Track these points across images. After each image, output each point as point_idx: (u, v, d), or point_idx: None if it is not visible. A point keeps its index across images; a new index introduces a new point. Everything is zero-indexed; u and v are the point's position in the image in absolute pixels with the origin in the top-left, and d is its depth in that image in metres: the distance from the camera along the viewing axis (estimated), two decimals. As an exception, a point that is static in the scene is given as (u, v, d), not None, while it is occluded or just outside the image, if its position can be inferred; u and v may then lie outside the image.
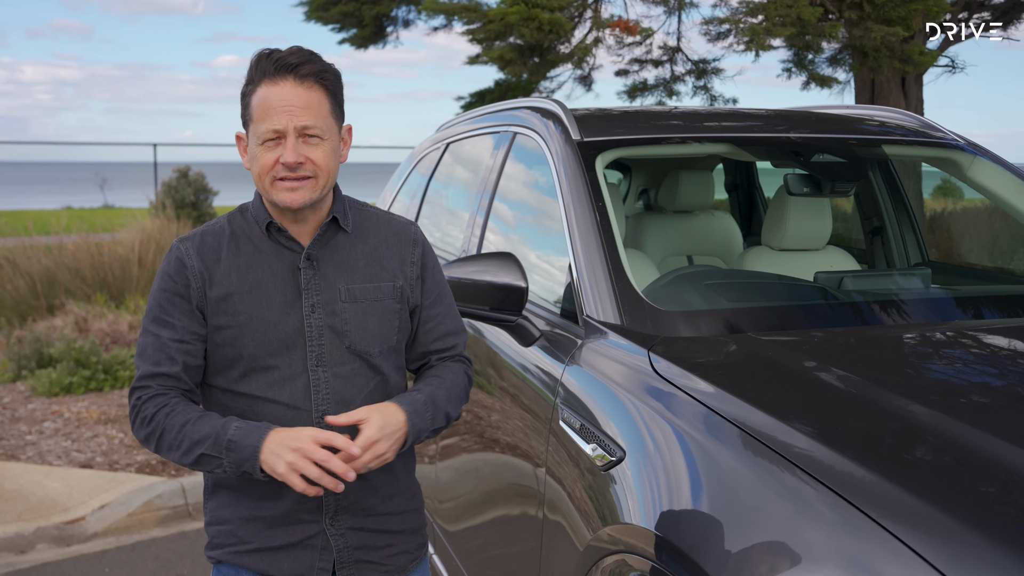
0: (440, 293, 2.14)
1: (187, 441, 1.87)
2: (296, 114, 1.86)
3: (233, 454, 1.84)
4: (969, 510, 1.42)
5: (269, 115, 1.86)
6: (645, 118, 3.36)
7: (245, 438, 1.85)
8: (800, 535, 1.51)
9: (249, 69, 1.92)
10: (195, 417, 1.89)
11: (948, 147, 3.25)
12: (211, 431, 1.86)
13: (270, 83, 1.87)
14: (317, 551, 2.01)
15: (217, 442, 1.85)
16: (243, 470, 1.85)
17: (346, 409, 1.96)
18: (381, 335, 2.01)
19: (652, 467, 1.90)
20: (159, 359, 1.94)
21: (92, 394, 6.78)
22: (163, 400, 1.92)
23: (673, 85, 10.27)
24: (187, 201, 13.10)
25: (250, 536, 2.01)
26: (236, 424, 1.87)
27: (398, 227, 2.10)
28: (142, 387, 1.94)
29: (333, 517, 2.01)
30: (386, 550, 2.09)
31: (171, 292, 1.95)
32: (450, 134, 4.23)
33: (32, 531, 4.58)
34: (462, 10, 9.43)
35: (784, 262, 3.28)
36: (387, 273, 2.03)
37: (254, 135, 1.90)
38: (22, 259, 9.07)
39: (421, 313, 2.10)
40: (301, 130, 1.87)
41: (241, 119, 1.96)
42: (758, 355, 2.20)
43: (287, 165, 1.87)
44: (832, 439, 1.67)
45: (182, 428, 1.88)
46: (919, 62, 8.14)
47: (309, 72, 1.88)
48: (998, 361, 2.24)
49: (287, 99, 1.86)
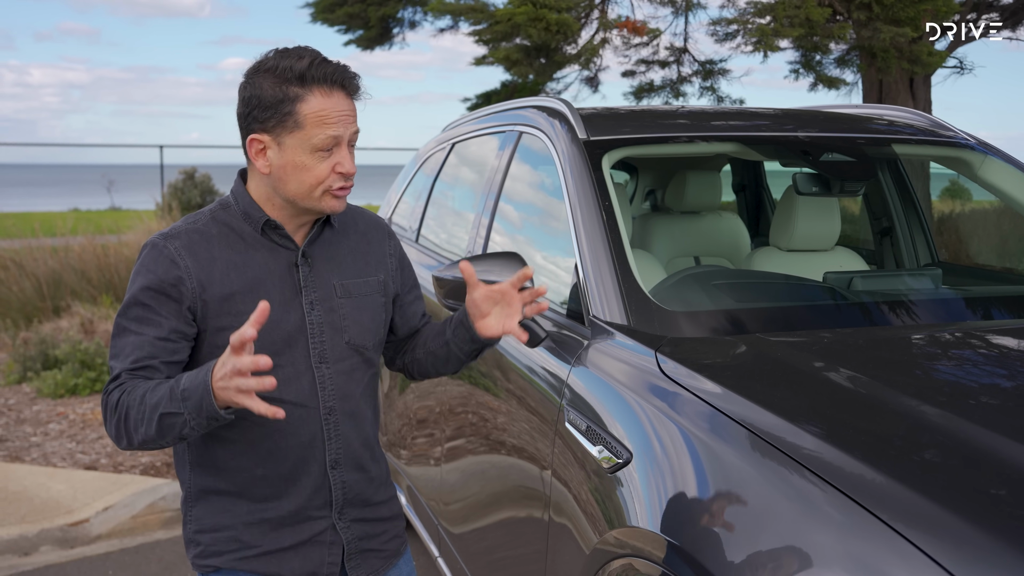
0: (414, 280, 2.23)
1: (147, 409, 1.78)
2: (349, 123, 1.90)
3: (189, 401, 1.73)
4: (979, 512, 1.41)
5: (328, 124, 1.86)
6: (652, 117, 3.33)
7: (192, 380, 1.74)
8: (809, 537, 1.49)
9: (284, 74, 1.85)
10: (152, 386, 1.80)
11: (958, 146, 3.22)
12: (165, 389, 1.77)
13: (324, 93, 1.86)
14: (326, 546, 2.02)
15: (172, 397, 1.75)
16: (206, 415, 1.74)
17: (349, 404, 2.01)
18: (374, 328, 2.06)
19: (659, 469, 1.88)
20: (138, 356, 1.85)
21: (97, 396, 6.78)
22: (127, 386, 1.83)
23: (680, 86, 10.26)
24: (193, 203, 13.12)
25: (256, 539, 1.99)
26: (185, 375, 1.78)
27: (372, 221, 2.15)
28: (114, 383, 1.85)
29: (341, 511, 2.03)
30: (383, 536, 2.13)
31: (156, 291, 1.87)
32: (455, 134, 4.21)
33: (36, 533, 4.57)
34: (469, 11, 9.43)
35: (792, 263, 3.25)
36: (371, 267, 2.09)
37: (304, 143, 1.86)
38: (28, 261, 9.08)
39: (403, 298, 2.18)
40: (352, 137, 1.92)
41: (265, 123, 1.87)
42: (766, 356, 2.18)
43: (345, 174, 1.90)
44: (841, 440, 1.65)
45: (142, 399, 1.79)
46: (928, 63, 8.12)
47: (356, 87, 1.92)
48: (1008, 362, 2.22)
49: (344, 109, 1.88)
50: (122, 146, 49.14)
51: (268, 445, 1.94)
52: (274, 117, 1.86)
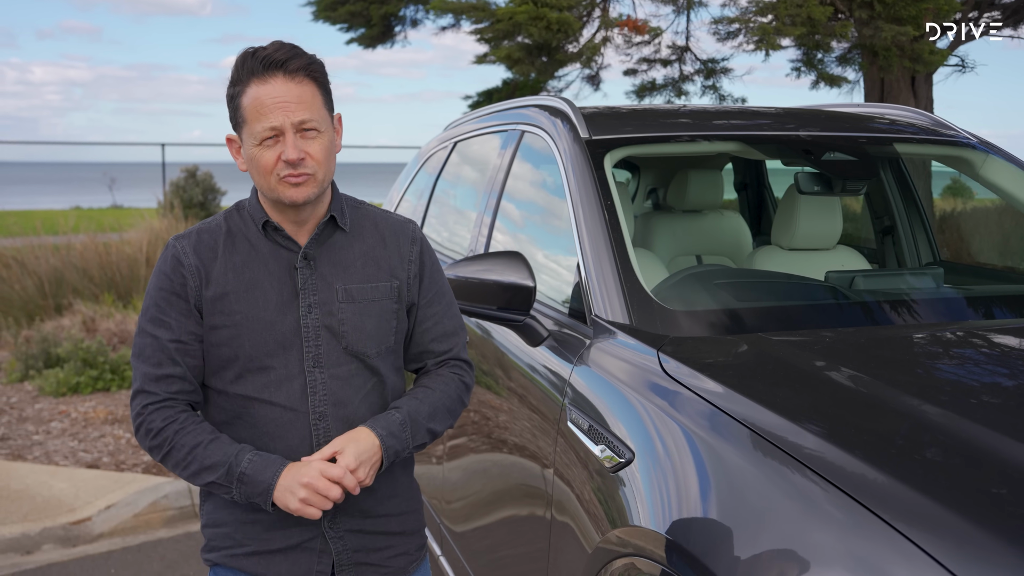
0: (438, 292, 2.10)
1: (196, 464, 1.88)
2: (291, 110, 1.84)
3: (245, 487, 1.86)
4: (981, 511, 1.40)
5: (264, 114, 1.83)
6: (654, 116, 3.33)
7: (259, 473, 1.86)
8: (811, 537, 1.49)
9: (234, 70, 1.89)
10: (207, 440, 1.88)
11: (960, 145, 3.22)
12: (223, 459, 1.86)
13: (260, 82, 1.84)
14: (315, 554, 1.99)
15: (229, 473, 1.86)
16: (252, 501, 1.88)
17: (344, 410, 1.96)
18: (379, 336, 1.99)
19: (661, 469, 1.88)
20: (160, 360, 1.91)
21: (99, 394, 6.78)
22: (171, 414, 1.90)
23: (682, 85, 10.25)
24: (195, 201, 13.13)
25: (247, 539, 1.99)
26: (249, 456, 1.87)
27: (396, 225, 2.07)
28: (146, 391, 1.92)
29: (332, 520, 1.99)
30: (385, 551, 2.07)
31: (167, 291, 1.92)
32: (457, 133, 4.21)
33: (38, 531, 4.58)
34: (470, 9, 9.43)
35: (794, 262, 3.25)
36: (384, 273, 2.01)
37: (250, 136, 1.86)
38: (30, 259, 9.08)
39: (418, 312, 2.07)
40: (298, 125, 1.85)
41: (231, 122, 1.92)
42: (768, 355, 2.17)
43: (289, 162, 1.84)
44: (843, 440, 1.65)
45: (192, 450, 1.88)
46: (929, 61, 8.11)
47: (298, 67, 1.85)
48: (1009, 361, 2.21)
49: (280, 95, 1.83)
50: (124, 144, 49.28)
51: (258, 447, 1.94)
52: (233, 116, 1.91)
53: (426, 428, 2.01)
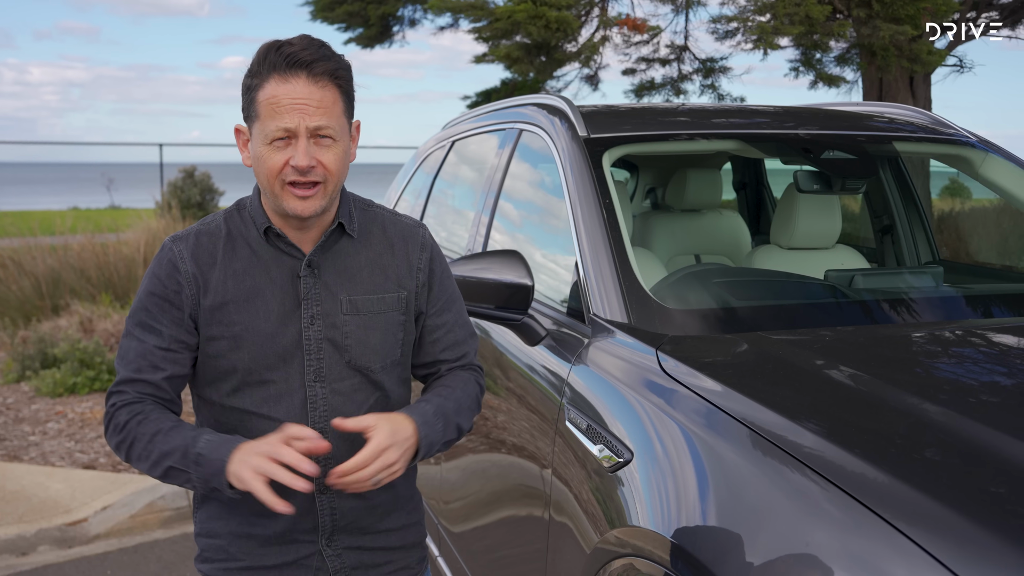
0: (449, 300, 2.00)
1: (156, 452, 1.76)
2: (309, 113, 1.72)
3: (201, 468, 1.73)
4: (981, 510, 1.40)
5: (279, 113, 1.71)
6: (653, 114, 3.32)
7: (214, 451, 1.73)
8: (811, 536, 1.49)
9: (255, 60, 1.77)
10: (167, 427, 1.77)
11: (959, 144, 3.21)
12: (181, 443, 1.75)
13: (280, 79, 1.72)
14: (311, 571, 1.91)
15: (186, 455, 1.73)
16: (211, 486, 1.74)
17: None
18: (384, 350, 1.89)
19: (660, 468, 1.87)
20: (140, 365, 1.82)
21: (96, 395, 6.77)
22: (137, 408, 1.81)
23: (680, 84, 10.26)
24: (193, 201, 13.12)
25: (241, 553, 1.90)
26: (207, 437, 1.75)
27: (405, 230, 1.96)
28: (118, 392, 1.83)
29: (330, 537, 1.91)
30: (385, 567, 1.99)
31: (160, 297, 1.82)
32: (455, 132, 4.20)
33: (34, 532, 4.56)
34: (469, 8, 9.42)
35: (793, 261, 3.24)
36: (392, 282, 1.90)
37: (260, 133, 1.74)
38: (27, 259, 9.06)
39: (427, 321, 1.97)
40: (314, 131, 1.73)
41: (243, 112, 1.82)
42: (767, 354, 2.17)
43: (298, 168, 1.72)
44: (843, 439, 1.64)
45: (152, 438, 1.76)
46: (927, 61, 8.12)
47: (324, 70, 1.73)
48: (1009, 360, 2.21)
49: (300, 97, 1.71)
50: (122, 144, 49.29)
51: None
52: (247, 107, 1.79)
53: (455, 423, 1.90)
